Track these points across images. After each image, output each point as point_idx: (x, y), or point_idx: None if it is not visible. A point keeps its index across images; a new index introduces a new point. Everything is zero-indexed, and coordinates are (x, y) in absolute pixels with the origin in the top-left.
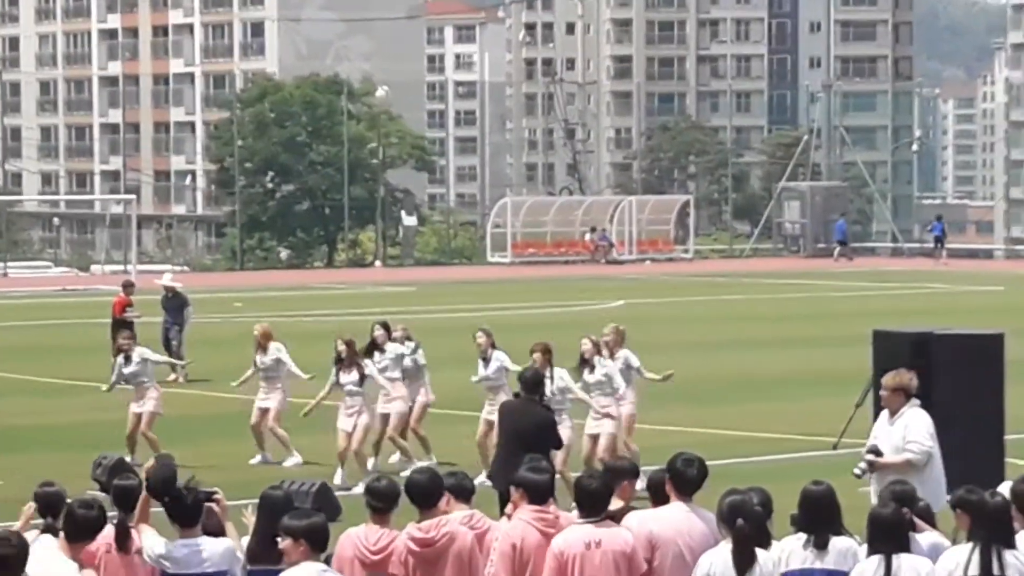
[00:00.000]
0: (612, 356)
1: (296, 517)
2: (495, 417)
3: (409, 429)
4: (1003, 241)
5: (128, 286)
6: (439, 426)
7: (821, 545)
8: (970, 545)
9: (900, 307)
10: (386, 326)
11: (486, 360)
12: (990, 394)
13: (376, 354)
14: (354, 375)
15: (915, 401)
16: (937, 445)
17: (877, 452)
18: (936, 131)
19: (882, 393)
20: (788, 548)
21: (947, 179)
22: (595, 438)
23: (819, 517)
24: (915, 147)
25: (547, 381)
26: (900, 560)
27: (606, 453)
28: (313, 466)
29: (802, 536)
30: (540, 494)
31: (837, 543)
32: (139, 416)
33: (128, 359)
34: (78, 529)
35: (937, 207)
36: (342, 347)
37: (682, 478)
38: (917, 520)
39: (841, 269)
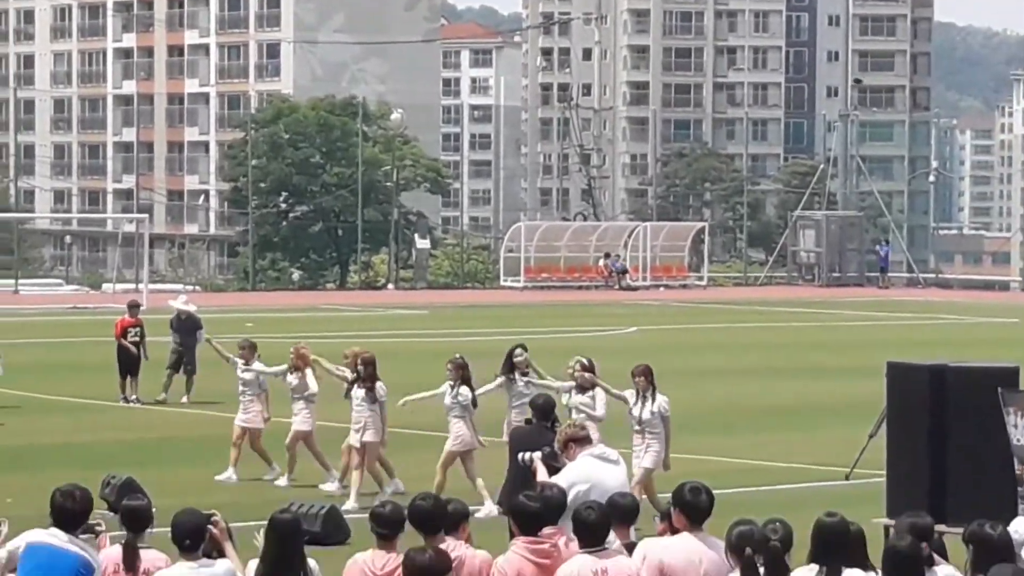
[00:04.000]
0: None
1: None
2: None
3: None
4: (1019, 273)
5: (134, 307)
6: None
7: None
8: None
9: (915, 338)
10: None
11: (452, 388)
12: (1005, 428)
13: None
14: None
15: None
16: None
17: None
18: (953, 162)
19: None
20: None
21: (963, 210)
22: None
23: (832, 549)
24: (932, 177)
25: (645, 403)
26: None
27: None
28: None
29: (814, 567)
30: (530, 523)
31: (850, 575)
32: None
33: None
34: (63, 517)
35: (953, 238)
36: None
37: (691, 507)
38: (934, 554)
39: (856, 299)
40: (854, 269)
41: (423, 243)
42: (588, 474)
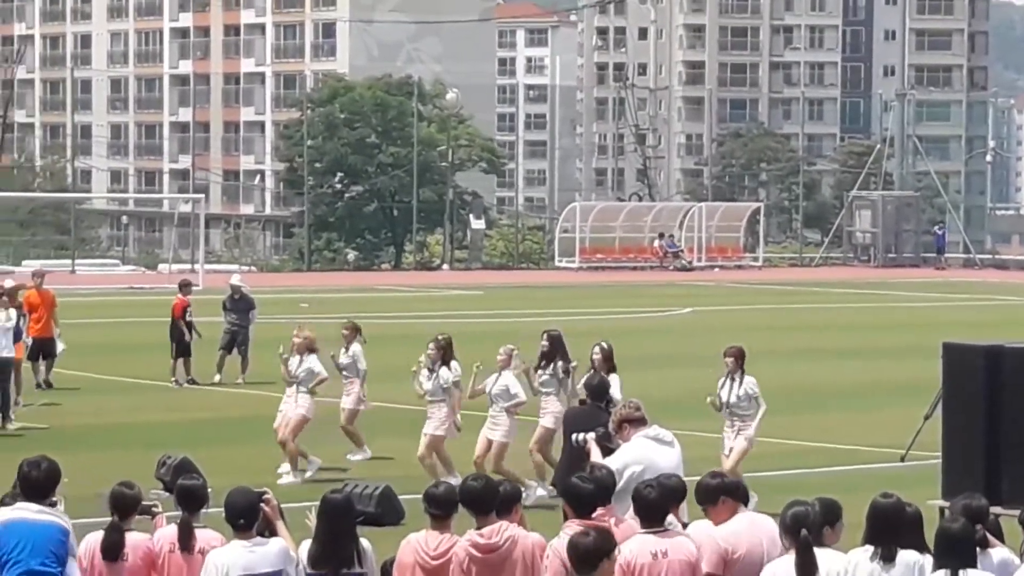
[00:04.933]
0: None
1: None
2: (427, 430)
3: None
4: None
5: (185, 286)
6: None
7: (888, 558)
8: None
9: (971, 319)
10: None
11: (432, 372)
12: None
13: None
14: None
15: None
16: None
17: None
18: (1010, 142)
19: None
20: (855, 560)
21: (1020, 190)
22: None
23: (887, 530)
24: (989, 157)
25: (733, 386)
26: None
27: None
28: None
29: (869, 548)
30: (584, 505)
31: (904, 556)
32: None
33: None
34: (30, 487)
35: (1010, 218)
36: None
37: (737, 491)
38: (989, 536)
39: (912, 279)
40: (910, 250)
41: (478, 223)
42: (642, 455)
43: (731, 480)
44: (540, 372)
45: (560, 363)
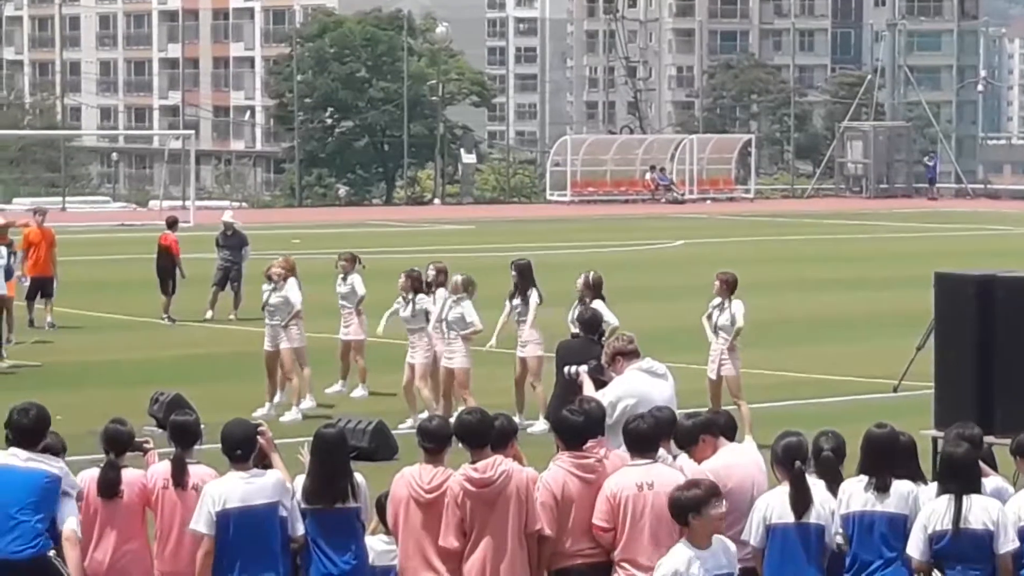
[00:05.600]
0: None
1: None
2: (414, 360)
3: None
4: None
5: (173, 223)
6: (489, 366)
7: (882, 488)
8: None
9: (963, 248)
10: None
11: (407, 302)
12: None
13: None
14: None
15: None
16: None
17: None
18: (1002, 70)
19: None
20: (849, 490)
21: (1012, 119)
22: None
23: (881, 460)
24: (980, 87)
25: (720, 312)
26: (971, 500)
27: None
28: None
29: (863, 478)
30: (573, 437)
31: (899, 487)
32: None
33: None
34: (20, 434)
35: (1002, 148)
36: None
37: (713, 427)
38: (983, 465)
39: (904, 210)
40: (902, 180)
41: (469, 158)
42: (635, 388)
43: (703, 418)
44: (515, 302)
45: (534, 291)
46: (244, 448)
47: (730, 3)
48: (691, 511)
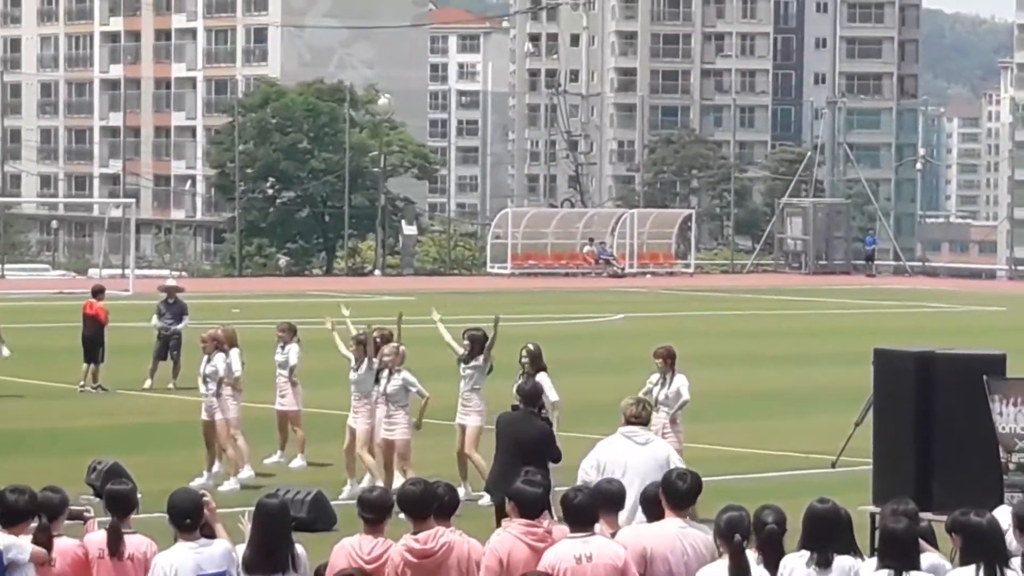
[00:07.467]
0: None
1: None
2: (356, 425)
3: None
4: (1006, 261)
5: (98, 292)
6: (429, 437)
7: (824, 563)
8: (974, 567)
9: (902, 326)
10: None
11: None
12: (990, 415)
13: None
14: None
15: None
16: None
17: None
18: (940, 149)
19: None
20: (790, 565)
21: (951, 198)
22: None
23: (823, 535)
24: (919, 165)
25: (662, 387)
26: None
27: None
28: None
29: (805, 553)
30: (532, 508)
31: (840, 562)
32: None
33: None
34: (8, 513)
35: (940, 226)
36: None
37: (676, 492)
38: (920, 540)
39: (843, 287)
40: (841, 257)
41: (410, 229)
42: (610, 454)
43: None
44: (465, 368)
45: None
46: (192, 517)
47: (672, 79)
48: None
